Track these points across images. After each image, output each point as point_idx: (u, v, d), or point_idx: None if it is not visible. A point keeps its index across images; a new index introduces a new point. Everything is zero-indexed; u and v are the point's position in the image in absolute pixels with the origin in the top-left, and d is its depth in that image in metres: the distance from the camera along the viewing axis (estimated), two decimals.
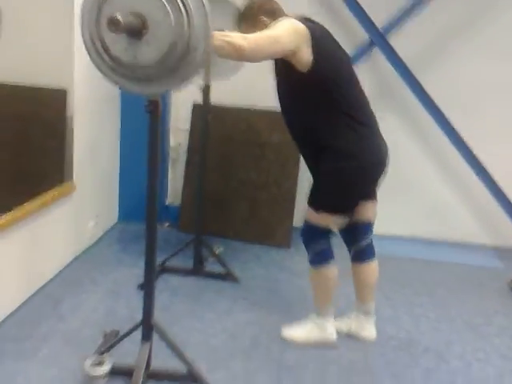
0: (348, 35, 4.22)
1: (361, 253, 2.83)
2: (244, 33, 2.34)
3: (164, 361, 2.42)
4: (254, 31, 2.36)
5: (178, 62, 1.90)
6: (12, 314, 2.79)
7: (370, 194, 2.76)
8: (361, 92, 2.65)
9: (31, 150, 3.41)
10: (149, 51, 1.87)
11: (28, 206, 2.92)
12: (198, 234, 3.52)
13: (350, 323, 2.92)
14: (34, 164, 3.40)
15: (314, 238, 2.69)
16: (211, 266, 3.55)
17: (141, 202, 4.34)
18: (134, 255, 3.66)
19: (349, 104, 2.54)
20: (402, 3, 4.07)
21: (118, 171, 4.23)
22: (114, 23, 1.75)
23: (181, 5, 1.84)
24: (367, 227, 2.83)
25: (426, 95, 4.11)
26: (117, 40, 1.88)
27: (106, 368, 2.31)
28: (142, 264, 2.36)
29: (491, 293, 3.66)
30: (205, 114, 3.42)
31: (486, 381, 2.64)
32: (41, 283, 3.12)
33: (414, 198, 4.47)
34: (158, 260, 3.18)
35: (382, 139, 2.66)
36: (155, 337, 2.36)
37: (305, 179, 4.27)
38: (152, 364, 2.39)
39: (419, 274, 3.91)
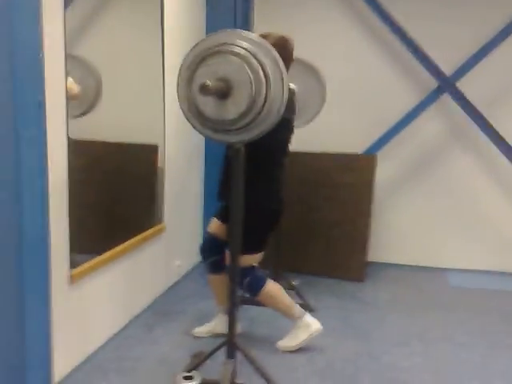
0: (418, 82, 4.48)
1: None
2: None
3: (247, 379, 2.66)
4: None
5: (255, 119, 2.21)
6: (112, 338, 3.15)
7: None
8: None
9: (128, 197, 3.84)
10: (231, 109, 2.20)
11: (126, 245, 3.32)
12: (275, 269, 3.78)
13: (215, 324, 3.25)
14: (129, 209, 3.82)
15: (242, 276, 2.96)
16: None
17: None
18: None
19: None
20: (469, 49, 4.29)
21: (202, 215, 4.59)
22: (204, 88, 2.09)
23: (260, 71, 2.16)
24: None
25: (497, 134, 4.26)
26: (207, 102, 2.22)
27: (196, 382, 2.58)
28: None
29: None
30: None
31: None
32: (136, 312, 3.48)
33: (491, 232, 4.55)
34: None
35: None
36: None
37: (377, 214, 4.49)
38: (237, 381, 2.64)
39: (497, 304, 3.95)
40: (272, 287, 3.09)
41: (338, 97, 4.49)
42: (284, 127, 2.91)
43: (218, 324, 3.27)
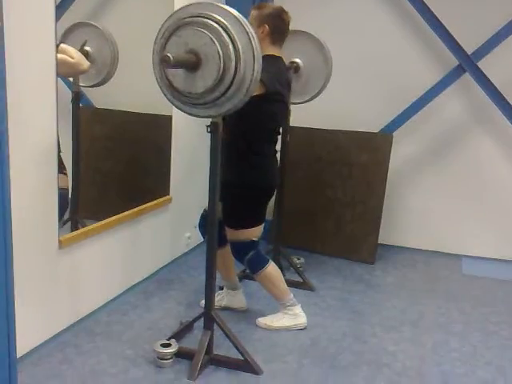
0: (438, 59, 4.32)
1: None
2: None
3: (227, 350, 2.73)
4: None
5: (222, 95, 2.22)
6: (107, 303, 3.26)
7: None
8: None
9: (143, 165, 3.96)
10: (199, 83, 2.21)
11: (127, 213, 3.41)
12: (276, 245, 3.80)
13: (221, 298, 3.29)
14: (144, 177, 3.96)
15: (242, 251, 3.02)
16: (290, 274, 3.78)
17: None
18: None
19: None
20: (492, 28, 4.07)
21: None
22: (165, 60, 2.12)
23: (231, 46, 2.14)
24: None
25: None
26: (176, 73, 2.25)
27: (172, 350, 2.66)
28: None
29: None
30: (284, 136, 3.67)
31: None
32: (137, 280, 3.58)
33: (508, 220, 4.37)
34: (241, 267, 3.52)
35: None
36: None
37: (392, 196, 4.40)
38: (216, 352, 2.71)
39: (505, 295, 3.82)
40: (272, 271, 3.10)
41: (356, 73, 4.41)
42: (276, 100, 2.88)
43: (224, 298, 3.33)
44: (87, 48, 3.39)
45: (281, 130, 3.24)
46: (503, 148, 4.31)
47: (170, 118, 3.86)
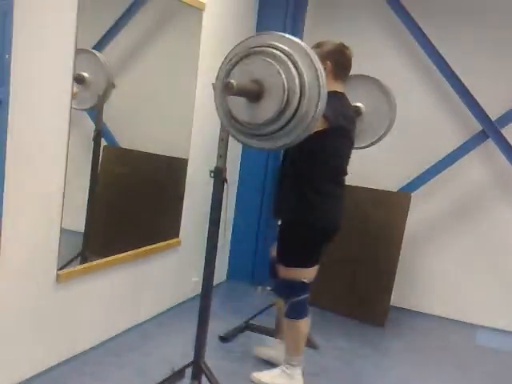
0: (462, 124, 4.27)
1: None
2: None
3: None
4: None
5: (285, 125, 2.13)
6: (104, 343, 3.22)
7: None
8: None
9: (157, 206, 3.95)
10: (260, 113, 2.15)
11: (131, 253, 3.42)
12: None
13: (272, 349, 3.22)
14: (156, 218, 3.94)
15: (290, 290, 2.89)
16: None
17: (249, 264, 4.68)
18: (229, 311, 3.95)
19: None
20: None
21: (230, 233, 4.60)
22: (228, 87, 2.06)
23: (297, 80, 2.07)
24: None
25: None
26: (237, 102, 2.19)
27: None
28: (233, 320, 3.11)
29: None
30: None
31: None
32: (138, 320, 3.55)
33: None
34: (245, 317, 3.46)
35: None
36: None
37: (408, 257, 4.29)
38: None
39: None
40: (304, 326, 2.96)
41: None
42: (340, 136, 2.78)
43: (274, 349, 3.23)
44: (83, 73, 3.41)
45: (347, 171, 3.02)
46: None
47: (186, 161, 3.90)
